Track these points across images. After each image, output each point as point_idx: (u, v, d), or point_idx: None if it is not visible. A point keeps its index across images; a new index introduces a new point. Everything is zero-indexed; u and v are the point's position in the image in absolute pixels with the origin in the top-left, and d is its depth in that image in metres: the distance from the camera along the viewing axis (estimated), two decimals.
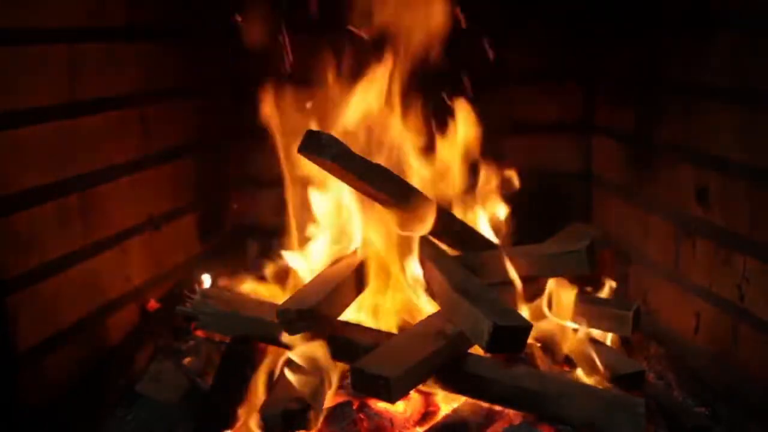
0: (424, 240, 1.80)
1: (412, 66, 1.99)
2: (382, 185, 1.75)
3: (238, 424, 1.56)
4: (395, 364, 1.47)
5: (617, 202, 2.28)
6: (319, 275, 1.77)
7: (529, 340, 1.54)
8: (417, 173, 2.01)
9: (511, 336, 1.48)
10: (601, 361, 1.66)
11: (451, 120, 2.05)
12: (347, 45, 2.02)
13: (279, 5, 2.10)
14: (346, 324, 1.71)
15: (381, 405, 1.56)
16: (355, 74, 2.05)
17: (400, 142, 1.97)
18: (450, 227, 1.88)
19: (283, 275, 1.93)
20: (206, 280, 1.95)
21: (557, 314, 1.76)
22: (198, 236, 2.24)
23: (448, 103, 2.05)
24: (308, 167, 1.81)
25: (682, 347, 1.85)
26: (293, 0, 2.09)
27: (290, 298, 1.65)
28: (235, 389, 1.61)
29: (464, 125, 2.05)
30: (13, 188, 1.48)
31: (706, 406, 1.68)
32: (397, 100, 1.99)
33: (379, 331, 1.67)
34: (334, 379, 1.62)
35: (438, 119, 2.05)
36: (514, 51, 2.33)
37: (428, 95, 2.06)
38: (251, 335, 1.68)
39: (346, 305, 1.73)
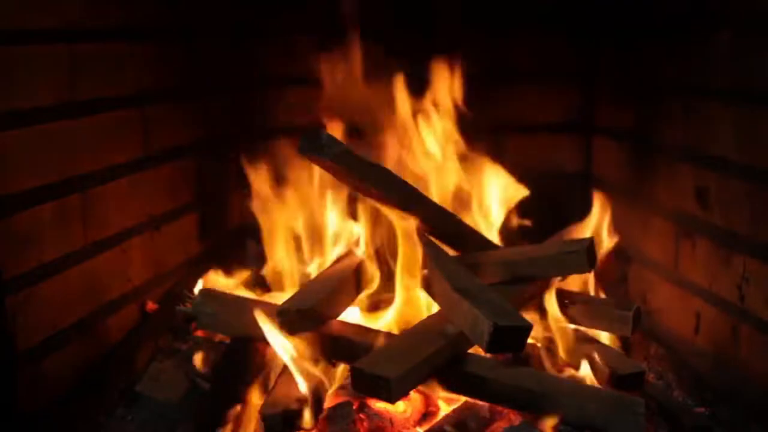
0: (424, 240, 1.80)
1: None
2: (383, 185, 1.75)
3: (238, 424, 1.56)
4: (395, 364, 1.47)
5: (617, 202, 2.28)
6: (319, 275, 1.77)
7: (529, 341, 1.54)
8: (417, 173, 2.01)
9: (511, 336, 1.48)
10: (601, 361, 1.66)
11: (453, 120, 2.06)
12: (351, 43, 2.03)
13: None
14: (346, 324, 1.71)
15: (381, 405, 1.56)
16: (355, 74, 2.06)
17: (402, 143, 1.98)
18: (450, 227, 1.89)
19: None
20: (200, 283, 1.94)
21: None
22: (198, 236, 2.24)
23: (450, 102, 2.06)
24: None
25: (682, 347, 1.85)
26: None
27: (290, 297, 1.65)
28: (235, 389, 1.61)
29: (466, 125, 2.05)
30: (13, 188, 1.48)
31: (706, 407, 1.68)
32: (397, 100, 1.99)
33: (379, 331, 1.67)
34: (334, 379, 1.62)
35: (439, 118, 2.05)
36: (514, 51, 2.33)
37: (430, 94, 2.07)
38: (251, 335, 1.68)
39: (346, 305, 1.73)
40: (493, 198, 2.04)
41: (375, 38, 2.07)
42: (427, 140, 2.00)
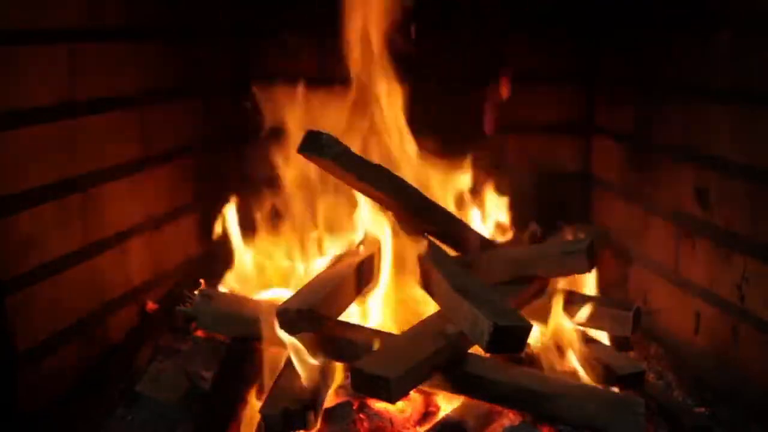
0: (423, 240, 1.79)
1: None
2: (382, 185, 1.75)
3: (238, 425, 1.56)
4: (395, 364, 1.47)
5: (617, 202, 2.28)
6: (319, 275, 1.77)
7: (529, 340, 1.54)
8: (417, 173, 2.01)
9: (511, 336, 1.48)
10: (601, 361, 1.66)
11: (453, 120, 2.06)
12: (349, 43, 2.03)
13: None
14: (346, 324, 1.71)
15: (381, 405, 1.56)
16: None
17: (401, 143, 1.98)
18: (450, 227, 1.89)
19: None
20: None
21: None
22: (198, 236, 2.24)
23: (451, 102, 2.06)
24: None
25: (682, 347, 1.85)
26: None
27: (290, 297, 1.65)
28: (235, 389, 1.61)
29: (466, 126, 2.06)
30: (13, 188, 1.48)
31: (706, 407, 1.68)
32: (397, 99, 2.00)
33: (379, 331, 1.67)
34: (335, 379, 1.62)
35: (440, 118, 2.06)
36: (514, 51, 2.34)
37: (430, 94, 2.07)
38: (251, 335, 1.68)
39: (346, 305, 1.73)
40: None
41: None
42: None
